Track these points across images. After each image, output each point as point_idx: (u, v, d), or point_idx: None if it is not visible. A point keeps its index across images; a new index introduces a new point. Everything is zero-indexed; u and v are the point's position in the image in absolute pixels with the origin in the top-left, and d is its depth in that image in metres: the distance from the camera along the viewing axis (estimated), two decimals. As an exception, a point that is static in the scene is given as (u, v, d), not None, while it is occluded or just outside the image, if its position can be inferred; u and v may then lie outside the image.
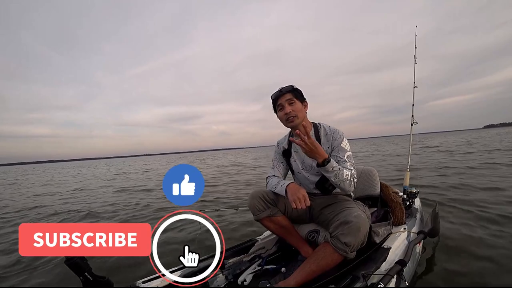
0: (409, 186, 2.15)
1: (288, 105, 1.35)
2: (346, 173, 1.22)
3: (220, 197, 4.68)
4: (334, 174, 1.20)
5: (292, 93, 1.36)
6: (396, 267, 1.10)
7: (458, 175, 4.96)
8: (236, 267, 1.42)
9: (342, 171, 1.21)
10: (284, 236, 1.43)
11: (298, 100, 1.36)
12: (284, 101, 1.35)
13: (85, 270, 0.93)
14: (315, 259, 1.14)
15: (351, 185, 1.25)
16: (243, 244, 1.58)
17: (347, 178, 1.22)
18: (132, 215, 3.89)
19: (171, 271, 1.26)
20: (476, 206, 2.86)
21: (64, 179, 12.96)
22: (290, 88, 1.36)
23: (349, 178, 1.22)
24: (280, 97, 1.37)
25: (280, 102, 1.37)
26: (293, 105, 1.35)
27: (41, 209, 4.92)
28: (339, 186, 1.24)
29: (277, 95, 1.38)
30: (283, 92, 1.36)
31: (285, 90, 1.36)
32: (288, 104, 1.35)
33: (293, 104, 1.35)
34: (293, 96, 1.35)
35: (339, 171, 1.20)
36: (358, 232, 1.09)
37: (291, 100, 1.35)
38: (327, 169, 1.19)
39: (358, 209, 1.19)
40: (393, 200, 1.62)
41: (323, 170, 1.21)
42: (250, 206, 1.39)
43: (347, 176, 1.22)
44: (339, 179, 1.21)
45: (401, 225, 1.58)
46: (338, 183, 1.22)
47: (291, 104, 1.35)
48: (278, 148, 1.53)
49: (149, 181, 8.77)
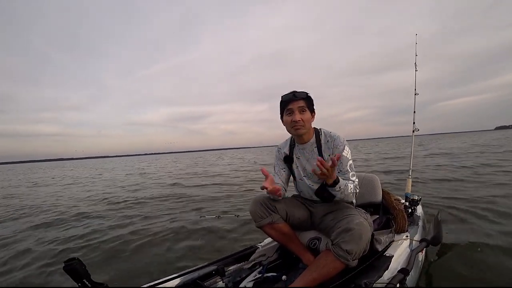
0: (411, 193, 2.14)
1: (298, 112, 1.30)
2: (351, 187, 1.22)
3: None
4: (340, 192, 1.19)
5: (306, 101, 1.31)
6: (399, 276, 1.09)
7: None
8: (236, 275, 1.41)
9: (347, 186, 1.20)
10: (285, 243, 1.41)
11: (309, 109, 1.32)
12: (296, 107, 1.30)
13: (84, 276, 0.92)
14: (317, 267, 1.13)
15: (354, 196, 1.25)
16: (244, 251, 1.56)
17: (351, 192, 1.22)
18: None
19: (171, 278, 1.25)
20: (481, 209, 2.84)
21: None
22: (304, 95, 1.31)
23: (352, 191, 1.23)
24: (292, 102, 1.30)
25: (290, 107, 1.31)
26: (304, 114, 1.30)
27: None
28: (342, 199, 1.24)
29: (289, 98, 1.31)
30: (297, 97, 1.30)
31: (299, 96, 1.30)
32: (299, 111, 1.30)
33: (304, 113, 1.31)
34: (306, 104, 1.31)
35: (345, 187, 1.19)
36: (360, 239, 1.08)
37: (303, 108, 1.30)
38: (335, 188, 1.18)
39: (360, 217, 1.18)
40: (395, 207, 1.61)
41: (331, 189, 1.20)
42: (251, 213, 1.38)
43: (351, 190, 1.22)
44: (344, 195, 1.20)
45: (403, 233, 1.56)
46: (342, 197, 1.22)
47: (302, 113, 1.30)
48: (279, 154, 1.51)
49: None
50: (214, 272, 1.34)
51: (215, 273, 1.34)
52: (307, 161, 1.40)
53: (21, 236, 3.30)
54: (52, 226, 3.75)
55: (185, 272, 1.31)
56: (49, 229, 3.60)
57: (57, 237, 3.16)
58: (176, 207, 4.47)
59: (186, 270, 1.33)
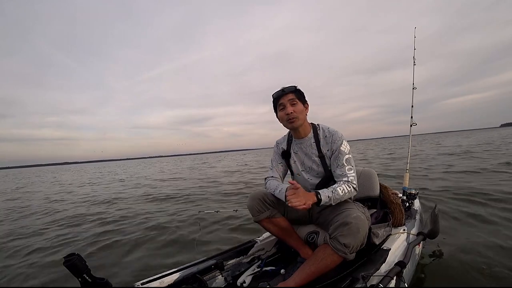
0: (408, 187, 2.16)
1: (290, 105, 1.33)
2: (342, 188, 1.22)
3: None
4: (332, 202, 1.20)
5: (295, 93, 1.34)
6: (396, 269, 1.10)
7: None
8: (235, 269, 1.42)
9: (337, 193, 1.20)
10: (283, 237, 1.43)
11: (300, 101, 1.35)
12: (286, 101, 1.34)
13: (84, 271, 0.92)
14: (315, 261, 1.14)
15: (351, 194, 1.26)
16: (242, 246, 1.57)
17: (344, 194, 1.22)
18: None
19: (171, 272, 1.26)
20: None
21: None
22: (293, 89, 1.35)
23: (346, 191, 1.23)
24: (282, 97, 1.35)
25: (281, 102, 1.35)
26: (295, 106, 1.33)
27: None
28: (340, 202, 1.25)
29: (279, 94, 1.36)
30: (285, 91, 1.34)
31: (288, 90, 1.34)
32: (290, 104, 1.33)
33: (295, 105, 1.33)
34: (296, 96, 1.34)
35: (333, 196, 1.20)
36: (357, 233, 1.09)
37: (293, 101, 1.33)
38: (324, 202, 1.18)
39: (358, 211, 1.19)
40: (393, 201, 1.62)
41: (322, 205, 1.21)
42: (249, 208, 1.39)
43: (343, 192, 1.22)
44: (337, 199, 1.21)
45: (401, 227, 1.58)
46: (338, 201, 1.23)
47: (293, 105, 1.33)
48: (277, 149, 1.52)
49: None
50: (213, 266, 1.35)
51: (214, 267, 1.35)
52: (305, 156, 1.41)
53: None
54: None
55: (184, 266, 1.32)
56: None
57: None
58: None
59: (185, 265, 1.34)
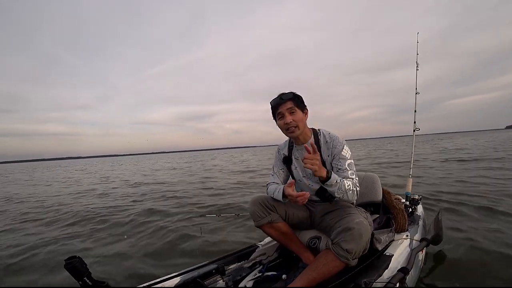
0: (411, 193, 2.14)
1: (289, 114, 1.31)
2: (348, 183, 1.21)
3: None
4: (337, 188, 1.19)
5: (293, 101, 1.32)
6: (399, 275, 1.09)
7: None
8: (236, 274, 1.41)
9: (344, 183, 1.20)
10: (285, 242, 1.42)
11: (299, 108, 1.33)
12: (284, 109, 1.31)
13: (84, 275, 0.92)
14: (316, 266, 1.13)
15: (354, 194, 1.24)
16: (244, 250, 1.56)
17: (349, 189, 1.21)
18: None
19: (171, 276, 1.25)
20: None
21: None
22: (291, 96, 1.32)
23: (351, 188, 1.22)
24: (280, 105, 1.33)
25: (280, 110, 1.33)
26: (294, 114, 1.31)
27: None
28: (342, 198, 1.23)
29: (277, 102, 1.34)
30: (284, 99, 1.32)
31: (286, 97, 1.32)
32: (289, 113, 1.31)
33: (294, 113, 1.31)
34: (294, 104, 1.31)
35: (341, 183, 1.19)
36: (360, 239, 1.08)
37: (292, 109, 1.31)
38: (331, 182, 1.18)
39: (360, 216, 1.18)
40: (396, 206, 1.61)
41: (326, 185, 1.20)
42: (251, 212, 1.38)
43: (349, 187, 1.21)
44: (341, 191, 1.20)
45: (404, 232, 1.56)
46: (341, 195, 1.21)
47: (292, 114, 1.31)
48: (279, 154, 1.52)
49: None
50: (214, 271, 1.34)
51: (215, 271, 1.34)
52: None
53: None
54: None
55: (185, 270, 1.31)
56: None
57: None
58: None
59: (186, 269, 1.33)
